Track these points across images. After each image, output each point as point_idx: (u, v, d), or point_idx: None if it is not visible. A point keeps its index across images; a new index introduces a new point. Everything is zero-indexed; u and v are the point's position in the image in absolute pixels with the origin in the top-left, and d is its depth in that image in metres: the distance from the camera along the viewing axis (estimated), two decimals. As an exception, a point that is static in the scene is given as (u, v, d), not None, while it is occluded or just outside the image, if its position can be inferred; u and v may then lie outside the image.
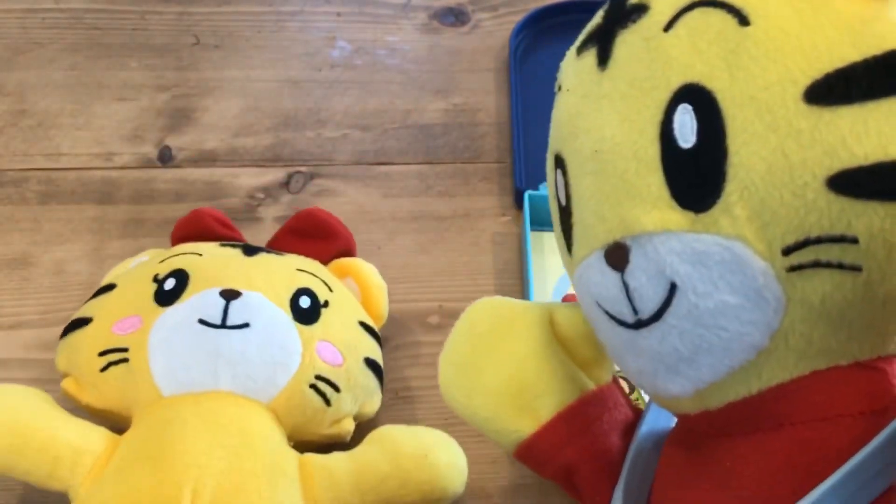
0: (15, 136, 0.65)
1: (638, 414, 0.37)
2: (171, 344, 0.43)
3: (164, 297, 0.44)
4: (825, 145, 0.24)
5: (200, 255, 0.47)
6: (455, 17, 0.75)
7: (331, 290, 0.48)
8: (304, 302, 0.46)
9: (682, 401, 0.29)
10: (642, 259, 0.27)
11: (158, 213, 0.61)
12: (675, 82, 0.26)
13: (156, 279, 0.46)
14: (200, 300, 0.44)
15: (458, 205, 0.64)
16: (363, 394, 0.46)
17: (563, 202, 0.31)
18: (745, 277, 0.25)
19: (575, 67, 0.31)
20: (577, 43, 0.32)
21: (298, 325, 0.44)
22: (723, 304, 0.26)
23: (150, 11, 0.73)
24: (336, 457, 0.44)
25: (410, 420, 0.49)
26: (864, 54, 0.24)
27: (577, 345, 0.36)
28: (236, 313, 0.43)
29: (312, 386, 0.44)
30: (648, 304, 0.27)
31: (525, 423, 0.35)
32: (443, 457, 0.42)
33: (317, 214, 0.53)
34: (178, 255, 0.48)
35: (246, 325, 0.43)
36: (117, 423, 0.44)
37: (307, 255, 0.51)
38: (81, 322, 0.46)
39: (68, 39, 0.71)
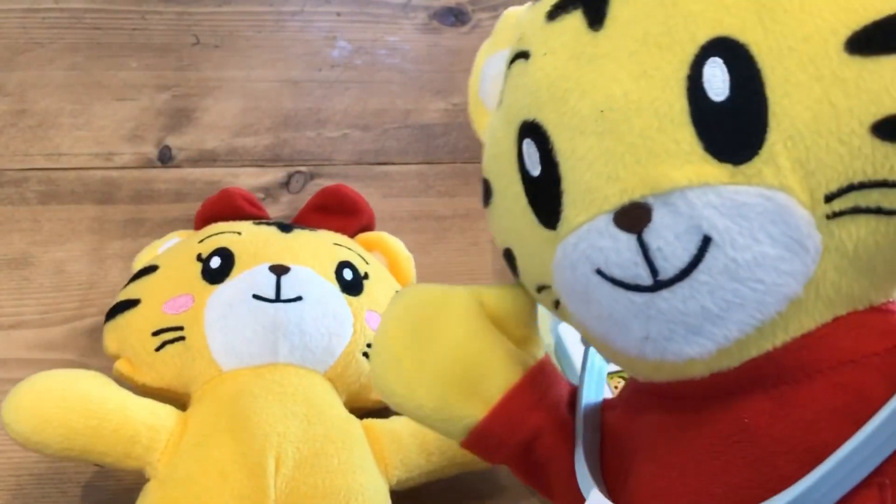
0: (15, 136, 0.65)
1: (570, 386, 0.38)
2: (227, 320, 0.44)
3: (213, 275, 0.45)
4: (870, 93, 0.25)
5: (240, 233, 0.48)
6: (455, 17, 0.75)
7: (367, 262, 0.50)
8: (348, 274, 0.47)
9: (696, 364, 0.29)
10: (669, 216, 0.26)
11: (158, 213, 0.61)
12: (702, 37, 0.26)
13: (199, 258, 0.47)
14: (251, 276, 0.45)
15: (458, 205, 0.64)
16: None
17: (537, 172, 0.30)
18: (788, 227, 0.25)
19: (550, 31, 0.30)
20: (547, 7, 0.31)
21: (347, 296, 0.46)
22: (762, 255, 0.26)
23: (150, 11, 0.73)
24: (398, 420, 0.45)
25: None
26: None
27: (508, 324, 0.36)
28: (289, 287, 0.44)
29: (365, 354, 0.46)
30: (675, 262, 0.26)
31: (474, 407, 0.34)
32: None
33: (341, 191, 0.54)
34: (216, 234, 0.49)
35: (299, 298, 0.44)
36: (173, 402, 0.45)
37: (333, 230, 0.52)
38: (129, 304, 0.46)
39: (68, 39, 0.71)
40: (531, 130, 0.31)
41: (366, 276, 0.49)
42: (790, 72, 0.25)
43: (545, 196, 0.30)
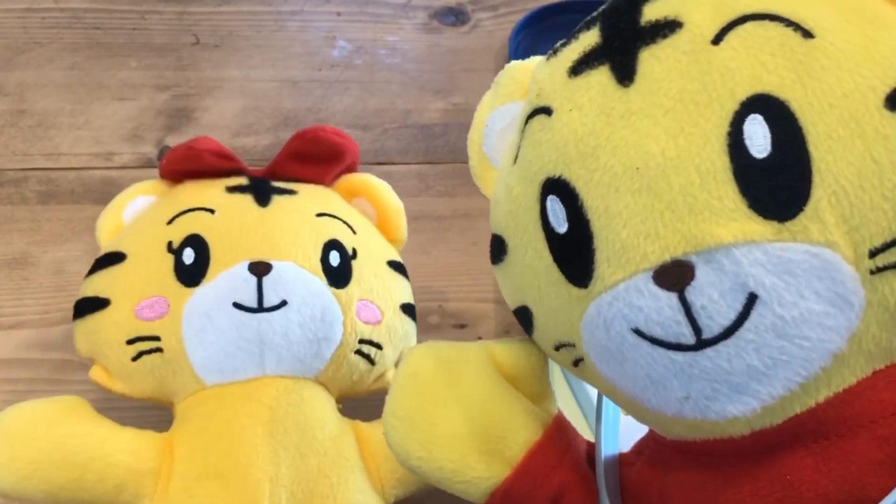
0: (15, 136, 0.65)
1: (587, 441, 0.37)
2: (207, 333, 0.40)
3: (188, 275, 0.41)
4: None
5: (212, 211, 0.43)
6: (455, 16, 0.75)
7: (353, 231, 0.46)
8: (335, 259, 0.43)
9: (737, 422, 0.28)
10: (714, 274, 0.26)
11: (158, 213, 0.61)
12: (742, 94, 0.26)
13: (171, 248, 0.42)
14: (230, 279, 0.41)
15: (458, 205, 0.64)
16: (403, 342, 0.46)
17: (564, 229, 0.30)
18: (833, 283, 0.25)
19: (575, 87, 0.30)
20: (568, 63, 0.31)
21: (334, 290, 0.42)
22: (808, 312, 0.25)
23: (150, 11, 0.73)
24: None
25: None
26: None
27: (521, 380, 0.35)
28: (271, 291, 0.40)
29: (357, 351, 0.43)
30: (720, 320, 0.26)
31: (496, 468, 0.33)
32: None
33: (320, 136, 0.48)
34: (187, 211, 0.44)
35: (283, 304, 0.41)
36: (157, 404, 0.43)
37: (311, 178, 0.48)
38: (98, 303, 0.42)
39: (68, 39, 0.71)
40: (557, 187, 0.30)
41: (354, 255, 0.44)
42: (832, 128, 0.25)
43: (574, 253, 0.30)
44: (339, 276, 0.43)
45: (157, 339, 0.41)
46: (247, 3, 0.74)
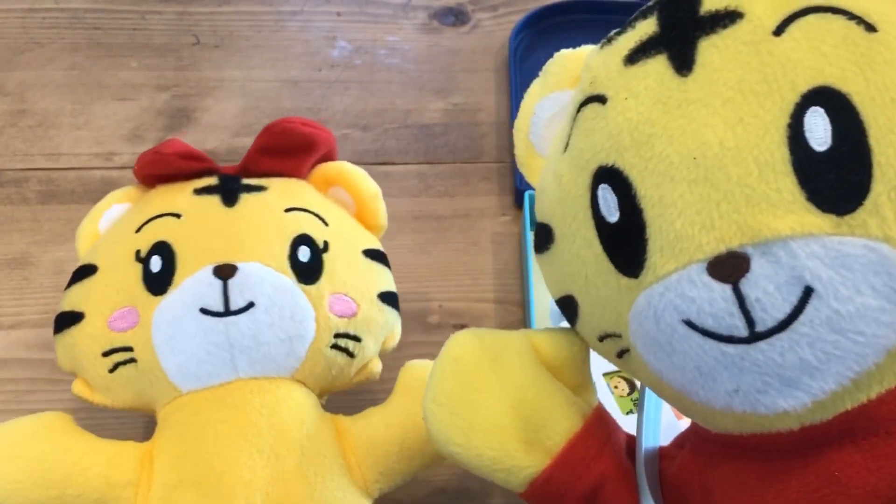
0: (15, 136, 0.65)
1: (626, 433, 0.37)
2: (177, 341, 0.40)
3: (155, 283, 0.41)
4: None
5: (179, 216, 0.43)
6: (455, 17, 0.75)
7: (326, 223, 0.44)
8: (304, 254, 0.42)
9: (787, 417, 0.28)
10: (769, 266, 0.26)
11: (158, 213, 0.61)
12: (803, 85, 0.26)
13: (139, 257, 0.42)
14: (195, 284, 0.40)
15: (458, 205, 0.64)
16: (383, 332, 0.45)
17: (615, 218, 0.30)
18: (891, 278, 0.25)
19: (631, 75, 0.30)
20: (624, 51, 0.31)
21: (304, 286, 0.41)
22: (864, 307, 0.25)
23: (150, 11, 0.73)
24: (374, 422, 0.43)
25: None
26: None
27: (563, 371, 0.35)
28: (237, 294, 0.40)
29: (333, 346, 0.42)
30: (774, 313, 0.26)
31: (536, 457, 0.33)
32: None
33: (288, 129, 0.46)
34: (155, 217, 0.43)
35: (251, 305, 0.40)
36: (141, 413, 0.43)
37: (285, 171, 0.47)
38: (74, 317, 0.42)
39: (68, 39, 0.71)
40: (609, 175, 0.30)
41: (325, 248, 0.43)
42: (893, 122, 0.25)
43: (625, 243, 0.29)
44: (308, 271, 0.42)
45: (130, 349, 0.41)
46: (247, 3, 0.74)
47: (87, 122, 0.66)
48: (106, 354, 0.41)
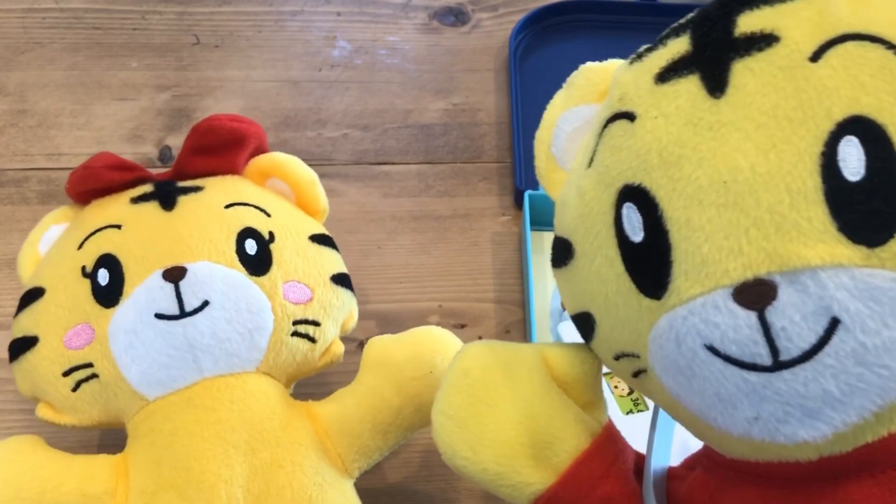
0: (15, 136, 0.65)
1: (636, 452, 0.37)
2: (136, 349, 0.40)
3: (105, 296, 0.41)
4: None
5: (119, 226, 0.43)
6: (455, 17, 0.75)
7: (268, 214, 0.45)
8: (251, 247, 0.42)
9: (806, 447, 0.28)
10: (797, 295, 0.26)
11: (158, 213, 0.61)
12: (838, 114, 0.26)
13: (85, 273, 0.42)
14: (146, 291, 0.40)
15: (458, 205, 0.64)
16: (341, 313, 0.45)
17: (639, 238, 0.29)
18: None
19: (661, 94, 0.30)
20: (655, 69, 0.30)
21: (256, 278, 0.41)
22: (891, 341, 0.25)
23: (151, 11, 0.73)
24: (345, 403, 0.43)
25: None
26: None
27: (574, 387, 0.35)
28: (190, 294, 0.40)
29: (294, 333, 0.42)
30: (799, 343, 0.26)
31: (542, 474, 0.33)
32: (446, 363, 0.40)
33: (215, 126, 0.46)
34: (95, 231, 0.43)
35: (206, 304, 0.40)
36: (110, 427, 0.43)
37: (219, 170, 0.47)
38: (27, 342, 0.42)
39: (68, 39, 0.71)
40: (635, 195, 0.29)
41: (271, 239, 0.43)
42: None
43: (649, 264, 0.29)
44: (258, 263, 0.42)
45: (90, 365, 0.40)
46: (247, 3, 0.74)
47: (88, 122, 0.66)
48: (66, 374, 0.41)
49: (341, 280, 0.46)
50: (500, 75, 0.72)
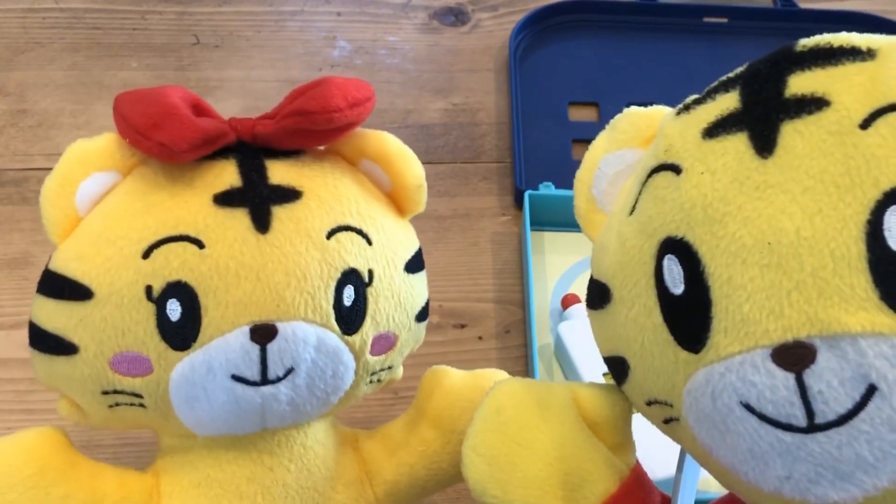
0: (15, 135, 0.65)
1: (662, 495, 0.37)
2: (200, 403, 0.35)
3: (175, 336, 0.34)
4: None
5: (200, 244, 0.35)
6: (455, 16, 0.75)
7: (369, 241, 0.38)
8: (349, 296, 0.36)
9: None
10: (836, 360, 0.26)
11: (158, 213, 0.61)
12: (886, 183, 0.26)
13: (150, 296, 0.34)
14: (228, 350, 0.34)
15: (458, 205, 0.64)
16: (414, 346, 0.42)
17: (679, 291, 0.29)
18: None
19: (709, 149, 0.30)
20: (703, 123, 0.30)
21: (347, 338, 0.36)
22: None
23: (151, 11, 0.73)
24: (400, 461, 0.41)
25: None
26: None
27: (602, 429, 0.35)
28: (277, 362, 0.34)
29: (368, 383, 0.39)
30: (836, 407, 0.26)
31: None
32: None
33: (333, 119, 0.37)
34: (168, 239, 0.35)
35: (290, 371, 0.35)
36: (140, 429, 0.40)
37: (313, 144, 0.39)
38: (63, 346, 0.35)
39: (68, 39, 0.71)
40: (677, 247, 0.30)
41: (370, 281, 0.37)
42: None
43: (688, 317, 0.29)
44: (352, 318, 0.36)
45: (139, 395, 0.35)
46: (247, 3, 0.74)
47: (88, 122, 0.66)
48: (106, 393, 0.36)
49: (423, 314, 0.41)
50: (500, 75, 0.72)
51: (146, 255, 0.34)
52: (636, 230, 0.32)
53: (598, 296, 0.34)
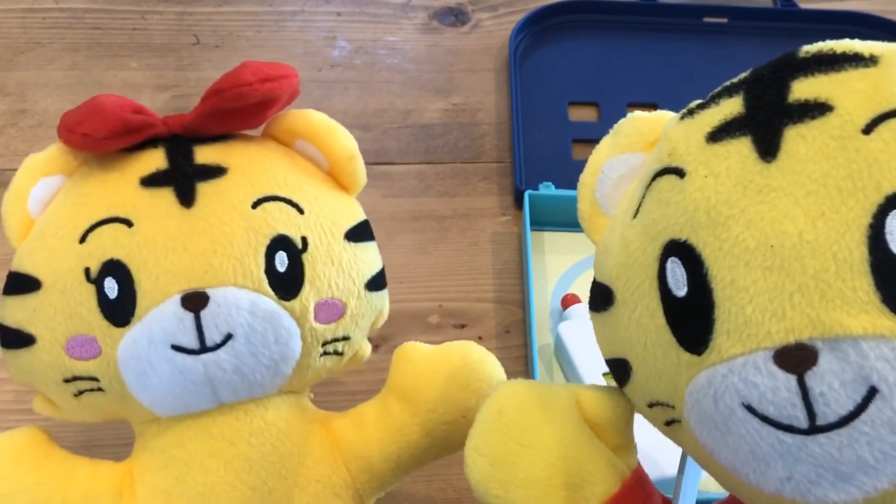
0: (15, 136, 0.65)
1: (663, 497, 0.37)
2: (148, 377, 0.36)
3: (114, 313, 0.36)
4: None
5: (129, 223, 0.36)
6: (455, 17, 0.75)
7: (301, 210, 0.38)
8: (281, 262, 0.37)
9: None
10: (837, 362, 0.26)
11: (158, 213, 0.61)
12: (888, 188, 0.26)
13: (89, 277, 0.36)
14: (162, 319, 0.35)
15: (458, 205, 0.64)
16: (372, 317, 0.42)
17: (682, 293, 0.30)
18: None
19: (712, 153, 0.30)
20: (707, 128, 0.31)
21: (285, 303, 0.37)
22: None
23: (151, 11, 0.73)
24: (369, 437, 0.41)
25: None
26: None
27: (605, 430, 0.35)
28: (213, 328, 0.35)
29: (322, 354, 0.39)
30: (837, 409, 0.26)
31: None
32: (480, 403, 0.37)
33: (244, 94, 0.38)
34: (100, 223, 0.37)
35: (229, 337, 0.36)
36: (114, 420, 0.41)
37: (239, 128, 0.40)
38: (23, 338, 0.37)
39: (68, 39, 0.71)
40: (680, 250, 0.30)
41: (304, 247, 0.38)
42: None
43: (691, 319, 0.30)
44: (288, 283, 0.37)
45: (95, 379, 0.37)
46: (247, 3, 0.74)
47: (88, 122, 0.66)
48: (68, 381, 0.37)
49: (376, 283, 0.41)
50: (500, 75, 0.72)
51: (82, 239, 0.37)
52: (640, 233, 0.32)
53: (601, 298, 0.34)
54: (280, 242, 0.37)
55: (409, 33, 0.74)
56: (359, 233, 0.41)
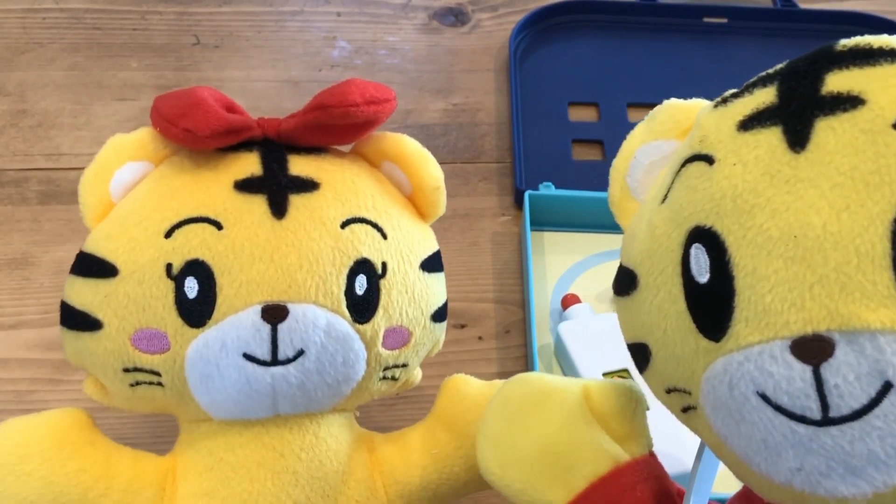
0: (15, 136, 0.65)
1: (676, 489, 0.38)
2: (213, 381, 0.36)
3: (191, 314, 0.36)
4: None
5: (219, 225, 0.37)
6: (455, 17, 0.75)
7: (384, 234, 0.39)
8: (360, 286, 0.37)
9: (846, 502, 0.28)
10: (853, 355, 0.26)
11: (158, 213, 0.61)
12: None
13: (170, 274, 0.36)
14: (239, 327, 0.35)
15: (458, 205, 0.64)
16: (430, 347, 0.43)
17: (704, 280, 0.30)
18: None
19: (742, 142, 0.30)
20: (738, 116, 0.31)
21: (359, 326, 0.37)
22: None
23: (150, 11, 0.73)
24: (411, 463, 0.41)
25: (411, 420, 0.49)
26: None
27: (610, 420, 0.37)
28: (287, 342, 0.36)
29: (381, 378, 0.40)
30: (850, 402, 0.26)
31: (558, 493, 0.36)
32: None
33: (350, 113, 0.38)
34: (188, 220, 0.37)
35: (301, 353, 0.36)
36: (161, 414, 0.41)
37: (334, 143, 0.41)
38: (88, 322, 0.37)
39: (68, 39, 0.71)
40: (705, 237, 0.30)
41: (383, 273, 0.38)
42: None
43: (711, 306, 0.30)
44: (364, 306, 0.38)
45: (157, 374, 0.37)
46: (247, 3, 0.74)
47: (88, 122, 0.66)
48: (127, 371, 0.37)
49: (440, 315, 0.42)
50: (500, 75, 0.72)
51: (168, 234, 0.36)
52: (666, 218, 0.32)
53: (626, 282, 0.34)
54: (362, 266, 0.38)
55: (408, 33, 0.74)
56: (432, 263, 0.42)
